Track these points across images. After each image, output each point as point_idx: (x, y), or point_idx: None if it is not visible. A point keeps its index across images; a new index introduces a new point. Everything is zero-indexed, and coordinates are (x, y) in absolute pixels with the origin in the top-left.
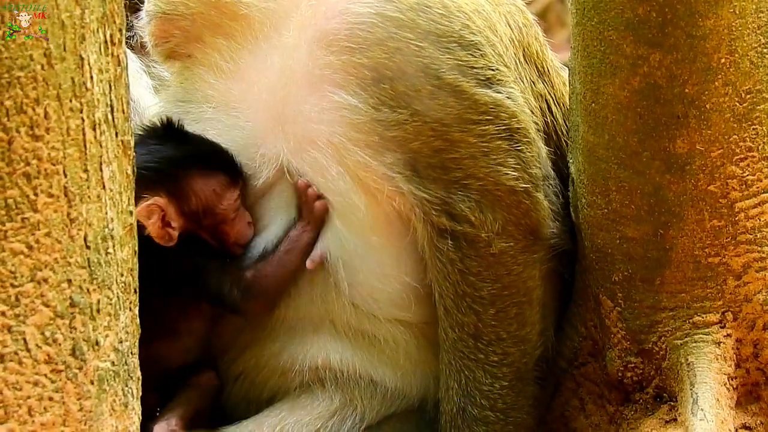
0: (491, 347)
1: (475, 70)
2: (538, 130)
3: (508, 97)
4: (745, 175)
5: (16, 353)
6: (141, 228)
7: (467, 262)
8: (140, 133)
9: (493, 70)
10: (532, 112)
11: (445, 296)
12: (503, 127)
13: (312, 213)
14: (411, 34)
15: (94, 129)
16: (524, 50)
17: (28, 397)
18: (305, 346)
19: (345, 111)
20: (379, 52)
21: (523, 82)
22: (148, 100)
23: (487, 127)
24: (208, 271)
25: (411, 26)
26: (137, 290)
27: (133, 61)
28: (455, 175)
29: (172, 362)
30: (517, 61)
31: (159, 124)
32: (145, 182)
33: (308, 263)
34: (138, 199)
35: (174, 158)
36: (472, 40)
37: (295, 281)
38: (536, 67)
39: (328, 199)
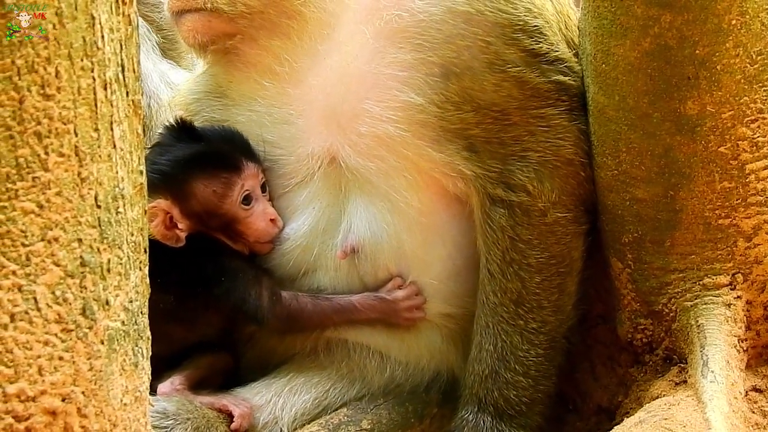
0: (531, 314)
1: (539, 57)
2: None
3: (574, 76)
4: (755, 136)
5: (26, 312)
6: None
7: (519, 229)
8: (161, 132)
9: (556, 51)
10: None
11: (492, 261)
12: (564, 108)
13: (398, 318)
14: (478, 28)
15: (105, 88)
16: (565, 22)
17: (39, 357)
18: None
19: (411, 110)
20: (448, 50)
21: None
22: (166, 96)
23: (548, 109)
24: (235, 275)
25: (478, 19)
26: (147, 250)
27: (148, 40)
28: (513, 148)
29: (186, 344)
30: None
31: (173, 125)
32: (150, 185)
33: (340, 254)
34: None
35: (177, 160)
36: (535, 25)
37: (319, 262)
38: (571, 39)
39: (380, 187)
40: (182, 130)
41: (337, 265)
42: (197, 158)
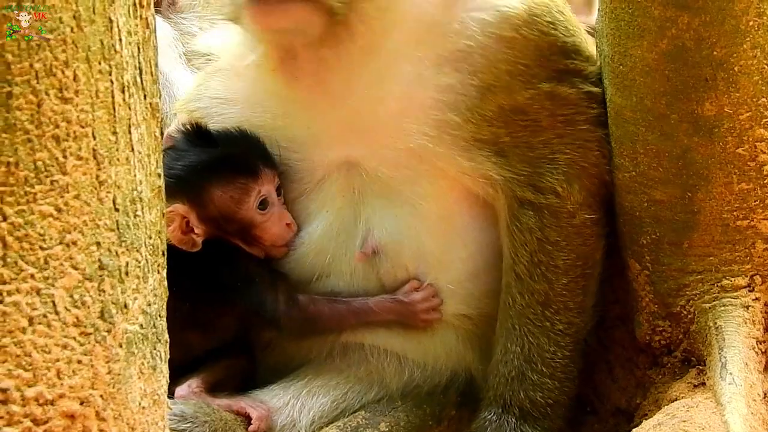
0: (558, 316)
1: (572, 73)
2: None
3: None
4: None
5: (44, 316)
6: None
7: (547, 231)
8: (175, 135)
9: (592, 66)
10: None
11: (519, 264)
12: (594, 114)
13: (415, 320)
14: (520, 52)
15: (123, 91)
16: None
17: (57, 360)
18: None
19: (447, 127)
20: (489, 73)
21: None
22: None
23: (577, 115)
24: (252, 280)
25: (522, 44)
26: (165, 253)
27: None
28: (542, 152)
29: (204, 349)
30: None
31: (188, 128)
32: (167, 190)
33: (359, 256)
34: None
35: (193, 165)
36: (573, 43)
37: (334, 266)
38: None
39: (402, 192)
40: (197, 134)
41: (352, 269)
42: (214, 164)
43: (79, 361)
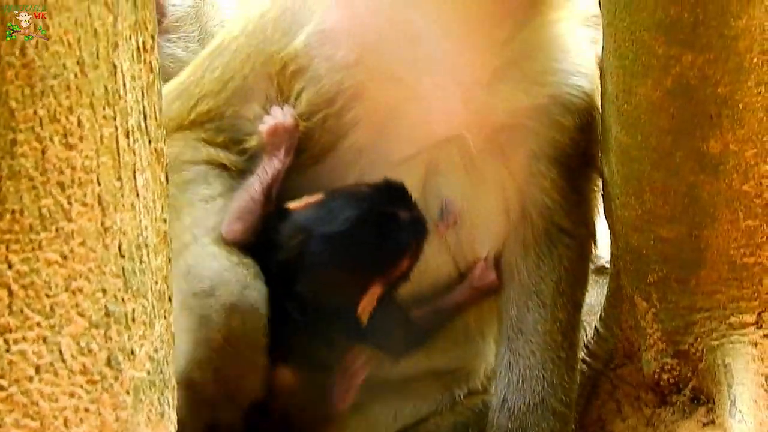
0: (570, 351)
1: None
2: None
3: None
4: None
5: (51, 364)
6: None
7: (573, 262)
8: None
9: None
10: None
11: (545, 291)
12: None
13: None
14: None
15: (128, 137)
16: None
17: (64, 409)
18: None
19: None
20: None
21: None
22: None
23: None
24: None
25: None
26: (171, 298)
27: None
28: (584, 186)
29: None
30: None
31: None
32: (360, 273)
33: (442, 227)
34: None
35: (393, 246)
36: None
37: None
38: None
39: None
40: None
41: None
42: (408, 240)
43: (87, 409)
